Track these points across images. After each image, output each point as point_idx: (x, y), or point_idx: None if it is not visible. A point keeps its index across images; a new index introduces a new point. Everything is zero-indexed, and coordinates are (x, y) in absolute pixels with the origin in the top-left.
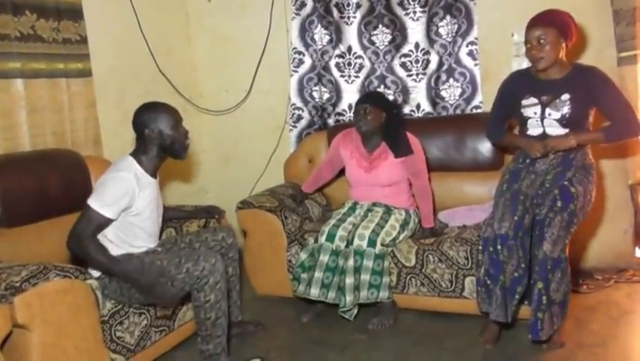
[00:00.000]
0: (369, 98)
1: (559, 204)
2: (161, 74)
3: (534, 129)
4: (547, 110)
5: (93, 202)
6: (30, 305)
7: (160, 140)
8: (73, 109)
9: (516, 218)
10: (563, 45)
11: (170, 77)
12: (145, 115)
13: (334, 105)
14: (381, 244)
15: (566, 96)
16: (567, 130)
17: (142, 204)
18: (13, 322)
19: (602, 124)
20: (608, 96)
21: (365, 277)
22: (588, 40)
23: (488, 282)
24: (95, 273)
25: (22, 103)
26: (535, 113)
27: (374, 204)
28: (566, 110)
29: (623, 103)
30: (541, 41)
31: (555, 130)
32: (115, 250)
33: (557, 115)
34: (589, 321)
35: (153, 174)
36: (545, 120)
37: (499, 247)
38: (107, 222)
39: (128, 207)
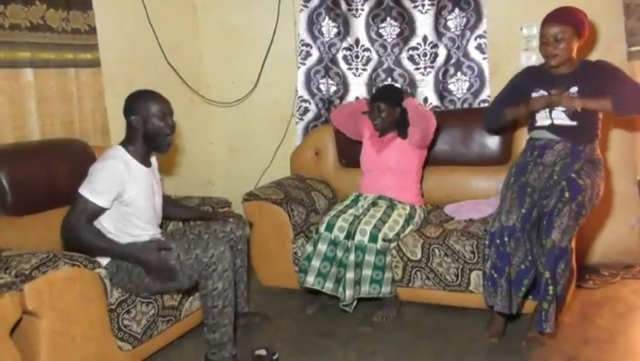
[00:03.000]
0: (384, 96)
1: (567, 195)
2: (168, 65)
3: (542, 121)
4: None
5: (84, 191)
6: (40, 293)
7: (144, 129)
8: (81, 99)
9: (523, 211)
10: (575, 43)
11: (178, 68)
12: (132, 102)
13: (341, 98)
14: (384, 239)
15: (574, 89)
16: (575, 122)
17: (133, 192)
18: (22, 308)
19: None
20: (617, 80)
21: (367, 272)
22: (598, 34)
23: (495, 275)
24: (104, 261)
25: (31, 92)
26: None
27: (379, 198)
28: None
29: (633, 82)
30: (558, 39)
31: (565, 121)
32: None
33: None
34: (595, 317)
35: (145, 163)
36: (553, 113)
37: (505, 238)
38: (100, 210)
39: (119, 195)
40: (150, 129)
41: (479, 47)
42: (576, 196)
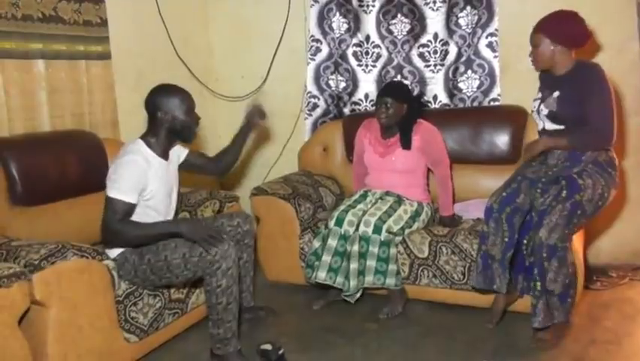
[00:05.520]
0: (392, 91)
1: (563, 194)
2: (178, 59)
3: (539, 125)
4: (542, 106)
5: (112, 192)
6: (48, 283)
7: (171, 124)
8: (92, 91)
9: (504, 194)
10: (553, 48)
11: (188, 61)
12: (159, 97)
13: (350, 94)
14: (388, 231)
15: (556, 94)
16: (563, 127)
17: (154, 186)
18: (31, 298)
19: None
20: (593, 98)
21: (371, 263)
22: (610, 33)
23: (477, 254)
24: (112, 254)
25: (42, 84)
26: (534, 107)
27: (387, 193)
28: (554, 107)
29: (604, 112)
30: (533, 45)
31: (551, 125)
32: None
33: (546, 111)
34: (602, 318)
35: (164, 156)
36: (540, 115)
37: (485, 219)
38: (132, 207)
39: (143, 190)
40: (178, 124)
41: (490, 45)
42: (573, 195)
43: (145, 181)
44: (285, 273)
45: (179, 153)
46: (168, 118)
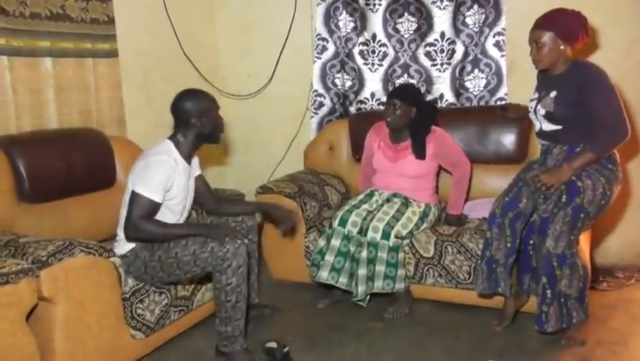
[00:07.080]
0: (401, 93)
1: (564, 199)
2: (185, 57)
3: (536, 126)
4: (539, 106)
5: (141, 189)
6: (55, 279)
7: (201, 129)
8: (99, 89)
9: (507, 199)
10: (562, 47)
11: (194, 60)
12: (189, 103)
13: (356, 93)
14: (396, 236)
15: (553, 93)
16: (560, 127)
17: (177, 187)
18: (38, 295)
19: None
20: (598, 99)
21: (380, 268)
22: (617, 34)
23: (479, 260)
24: (123, 250)
25: (50, 81)
26: (531, 107)
27: (394, 195)
28: (551, 107)
29: (613, 108)
30: (539, 44)
31: (548, 125)
32: None
33: (543, 111)
34: (609, 319)
35: (188, 160)
36: (538, 115)
37: (488, 225)
38: (158, 206)
39: (169, 190)
40: (209, 128)
41: (497, 44)
42: (573, 199)
43: (172, 182)
44: (291, 271)
45: (195, 167)
46: (200, 123)
